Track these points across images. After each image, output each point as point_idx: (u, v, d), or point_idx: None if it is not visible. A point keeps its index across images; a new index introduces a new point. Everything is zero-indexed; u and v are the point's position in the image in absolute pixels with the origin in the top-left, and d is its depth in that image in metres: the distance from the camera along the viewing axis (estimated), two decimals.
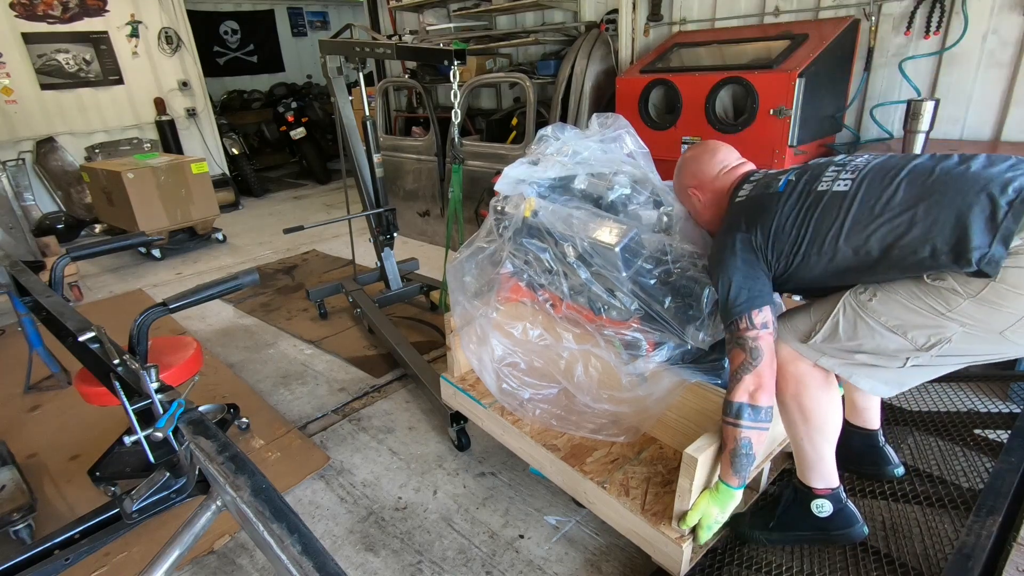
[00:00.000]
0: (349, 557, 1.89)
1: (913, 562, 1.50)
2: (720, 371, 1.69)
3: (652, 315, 1.64)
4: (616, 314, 1.71)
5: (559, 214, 1.76)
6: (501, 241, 1.92)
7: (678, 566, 1.45)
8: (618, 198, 1.78)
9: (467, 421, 2.26)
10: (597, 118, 2.01)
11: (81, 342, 1.59)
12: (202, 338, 3.51)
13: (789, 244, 1.35)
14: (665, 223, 1.74)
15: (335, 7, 9.97)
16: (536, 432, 1.88)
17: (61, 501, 2.20)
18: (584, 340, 1.76)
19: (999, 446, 1.75)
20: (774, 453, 1.72)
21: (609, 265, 1.64)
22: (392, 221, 3.42)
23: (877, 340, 1.29)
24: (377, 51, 2.94)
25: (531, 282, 1.89)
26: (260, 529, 0.91)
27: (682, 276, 1.61)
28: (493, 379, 1.93)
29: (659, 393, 1.64)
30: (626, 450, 1.78)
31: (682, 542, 1.44)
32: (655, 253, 1.64)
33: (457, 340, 2.08)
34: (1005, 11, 2.53)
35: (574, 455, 1.76)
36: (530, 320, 1.90)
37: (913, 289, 1.24)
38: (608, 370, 1.72)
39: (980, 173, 1.17)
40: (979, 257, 1.11)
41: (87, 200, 5.67)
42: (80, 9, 5.83)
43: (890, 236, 1.21)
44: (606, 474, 1.68)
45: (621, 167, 1.84)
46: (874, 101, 2.94)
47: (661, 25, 3.57)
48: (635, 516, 1.54)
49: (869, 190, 1.26)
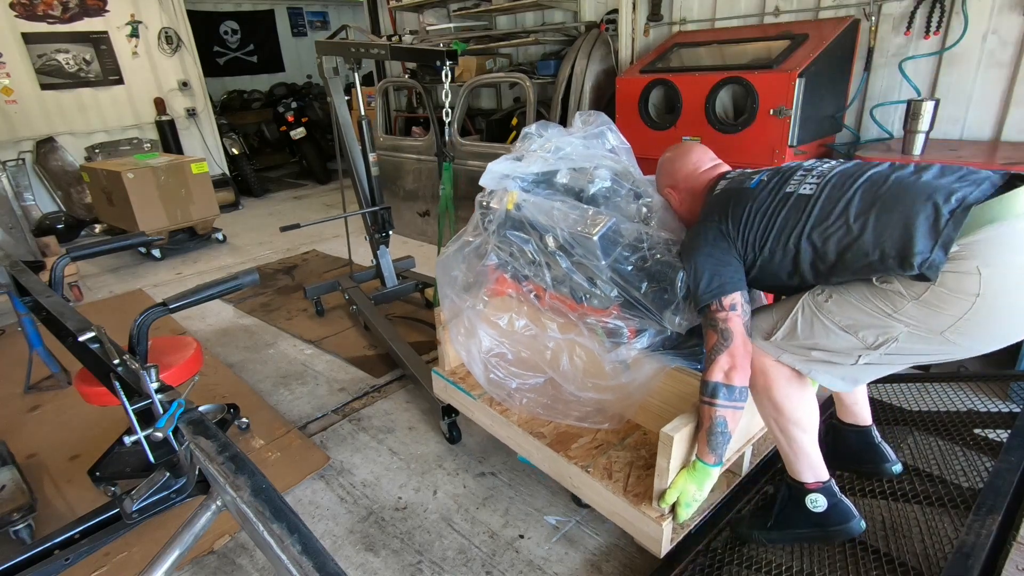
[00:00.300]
0: (349, 557, 1.89)
1: (913, 561, 1.50)
2: (699, 356, 1.75)
3: (631, 301, 1.70)
4: (597, 302, 1.76)
5: (541, 206, 1.80)
6: (486, 235, 1.97)
7: (658, 545, 1.51)
8: (599, 191, 1.83)
9: (458, 414, 2.31)
10: (580, 115, 2.06)
11: (81, 342, 1.59)
12: (202, 338, 3.52)
13: (756, 235, 1.42)
14: (644, 214, 1.79)
15: (335, 7, 9.97)
16: (523, 421, 1.93)
17: (61, 501, 2.20)
18: (568, 329, 1.81)
19: (999, 446, 1.75)
20: (755, 438, 1.76)
21: (589, 254, 1.69)
22: (388, 219, 3.49)
23: (832, 339, 1.36)
24: (372, 52, 3.00)
25: (516, 274, 1.95)
26: (260, 529, 0.91)
27: (657, 262, 1.67)
28: (481, 370, 1.97)
29: (641, 379, 1.70)
30: (610, 436, 1.83)
31: (662, 521, 1.48)
32: (632, 241, 1.70)
33: (446, 333, 2.12)
34: (1005, 11, 2.53)
35: (560, 442, 1.82)
36: (516, 311, 1.95)
37: (864, 291, 1.31)
38: (592, 359, 1.77)
39: (930, 182, 1.23)
40: (920, 262, 1.18)
41: (87, 200, 5.67)
42: (80, 9, 5.83)
43: (845, 239, 1.28)
44: (590, 459, 1.73)
45: (602, 161, 1.89)
46: (874, 101, 2.94)
47: (661, 25, 3.57)
48: (617, 498, 1.59)
49: (830, 195, 1.34)
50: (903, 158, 2.47)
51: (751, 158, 2.78)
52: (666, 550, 1.51)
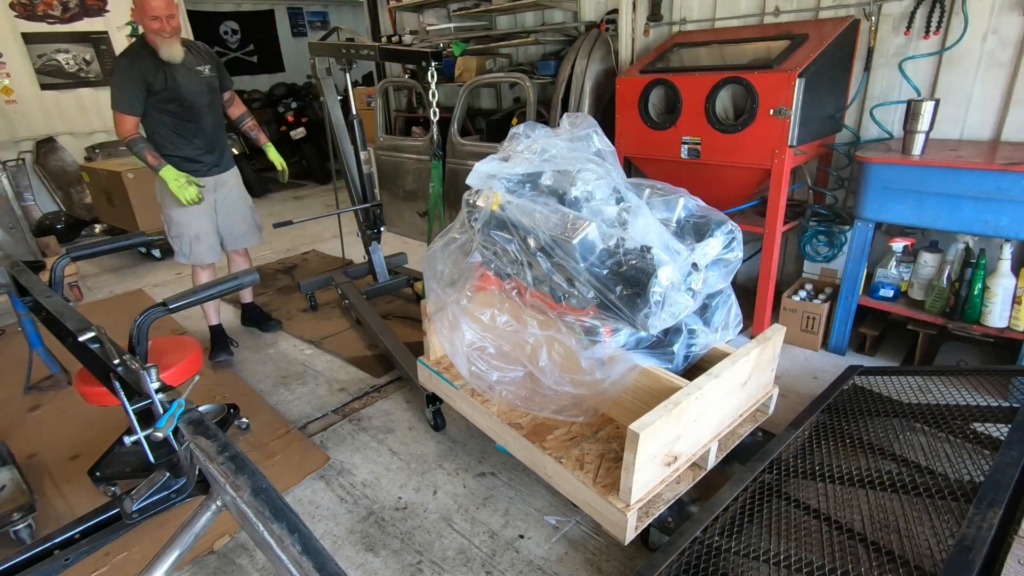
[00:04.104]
0: (349, 557, 1.89)
1: (914, 555, 1.50)
2: (670, 356, 1.82)
3: (607, 304, 1.74)
4: (575, 302, 1.82)
5: (524, 208, 1.85)
6: (472, 232, 2.02)
7: (623, 532, 1.57)
8: (581, 194, 1.87)
9: (442, 402, 2.40)
10: (567, 117, 2.09)
11: (81, 342, 1.59)
12: (202, 338, 3.51)
13: None
14: (623, 219, 1.82)
15: (335, 7, 9.97)
16: (502, 412, 2.00)
17: (61, 501, 2.20)
18: (548, 327, 1.86)
19: (999, 440, 1.76)
20: (721, 434, 1.82)
21: (568, 256, 1.74)
22: (379, 216, 3.64)
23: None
24: (362, 53, 3.12)
25: (499, 271, 2.01)
26: (260, 529, 0.91)
27: (632, 267, 1.70)
28: (464, 362, 2.02)
29: (615, 376, 1.76)
30: (585, 429, 1.90)
31: (627, 511, 1.54)
32: (610, 246, 1.75)
33: (432, 325, 2.20)
34: (1005, 11, 2.53)
35: (536, 433, 1.89)
36: (498, 307, 2.00)
37: None
38: (569, 355, 1.81)
39: None
40: None
41: (87, 200, 5.67)
42: (80, 9, 5.83)
43: None
44: (564, 450, 1.80)
45: (585, 165, 1.92)
46: (874, 101, 2.94)
47: (661, 25, 3.57)
48: (587, 488, 1.65)
49: None
50: (903, 158, 2.47)
51: (751, 158, 2.78)
52: (630, 538, 1.57)
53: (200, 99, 2.83)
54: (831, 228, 3.01)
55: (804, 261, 3.27)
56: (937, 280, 2.59)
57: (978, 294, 2.46)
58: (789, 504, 1.78)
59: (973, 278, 2.46)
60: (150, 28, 2.57)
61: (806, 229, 3.06)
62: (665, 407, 1.53)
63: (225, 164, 3.06)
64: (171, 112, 2.77)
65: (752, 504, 1.75)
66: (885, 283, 2.75)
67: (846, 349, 2.94)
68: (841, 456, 1.92)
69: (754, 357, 1.82)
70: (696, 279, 1.78)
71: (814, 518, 1.72)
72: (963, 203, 2.34)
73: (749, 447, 1.96)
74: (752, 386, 1.91)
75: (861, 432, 2.10)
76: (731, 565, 1.57)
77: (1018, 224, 2.25)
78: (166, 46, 2.63)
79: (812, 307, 2.95)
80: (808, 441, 2.03)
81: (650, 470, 1.56)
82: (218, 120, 2.99)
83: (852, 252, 2.74)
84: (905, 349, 2.90)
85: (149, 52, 2.66)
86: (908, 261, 2.74)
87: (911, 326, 2.72)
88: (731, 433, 1.88)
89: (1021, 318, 2.37)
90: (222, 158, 3.04)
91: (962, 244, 2.56)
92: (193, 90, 2.79)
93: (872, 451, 2.00)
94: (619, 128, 3.25)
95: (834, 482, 1.77)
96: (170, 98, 2.73)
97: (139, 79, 2.62)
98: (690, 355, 1.88)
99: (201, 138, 2.89)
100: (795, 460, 1.92)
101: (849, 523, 1.66)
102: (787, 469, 1.88)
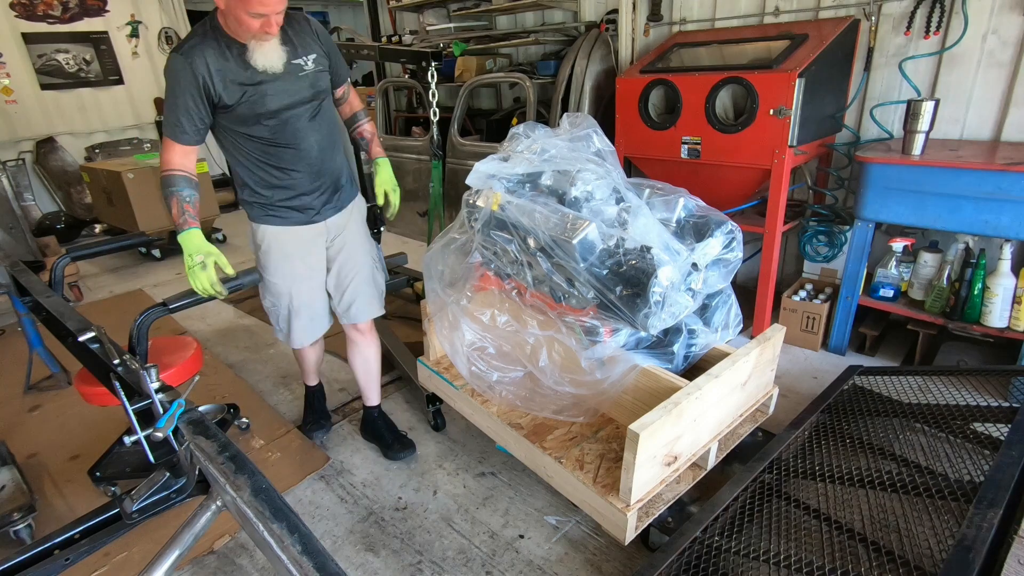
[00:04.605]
0: (349, 557, 1.89)
1: (914, 555, 1.50)
2: (671, 356, 1.82)
3: (607, 304, 1.74)
4: (575, 302, 1.82)
5: (523, 208, 1.85)
6: (472, 232, 2.02)
7: (623, 533, 1.57)
8: (581, 194, 1.87)
9: (442, 402, 2.39)
10: (567, 117, 2.08)
11: (81, 342, 1.60)
12: (202, 338, 3.52)
13: None
14: (623, 219, 1.82)
15: (335, 7, 9.96)
16: (502, 412, 2.00)
17: (61, 501, 2.20)
18: (548, 327, 1.86)
19: (999, 441, 1.76)
20: (721, 434, 1.82)
21: (568, 256, 1.74)
22: (379, 216, 3.57)
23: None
24: (362, 53, 3.13)
25: (499, 271, 2.01)
26: (260, 529, 0.91)
27: (632, 267, 1.70)
28: (464, 362, 2.03)
29: (615, 376, 1.75)
30: (585, 429, 1.90)
31: (627, 511, 1.54)
32: (610, 246, 1.75)
33: (432, 325, 2.19)
34: (1005, 11, 2.53)
35: (536, 433, 1.89)
36: (498, 307, 2.00)
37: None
38: (569, 355, 1.81)
39: None
40: None
41: (87, 200, 5.67)
42: (80, 9, 5.83)
43: None
44: (564, 450, 1.80)
45: (585, 165, 1.92)
46: (874, 101, 2.94)
47: (661, 25, 3.57)
48: (587, 488, 1.65)
49: None
50: (903, 158, 2.47)
51: (751, 158, 2.78)
52: (630, 538, 1.57)
53: (300, 110, 1.87)
54: (831, 228, 3.01)
55: (804, 261, 3.27)
56: (937, 280, 2.59)
57: (978, 294, 2.46)
58: (789, 504, 1.77)
59: (973, 278, 2.46)
60: (248, 27, 1.65)
61: (806, 229, 3.06)
62: (665, 407, 1.53)
63: (341, 199, 2.10)
64: (253, 137, 1.85)
65: (752, 504, 1.75)
66: (885, 283, 2.76)
67: (846, 349, 2.94)
68: (841, 456, 1.92)
69: (754, 357, 1.82)
70: (696, 279, 1.78)
71: (814, 518, 1.72)
72: (963, 203, 2.34)
73: (749, 447, 1.96)
74: (752, 386, 1.91)
75: (861, 432, 2.10)
76: (731, 565, 1.57)
77: (1018, 224, 2.25)
78: (262, 52, 1.73)
79: (812, 307, 2.95)
80: (808, 441, 2.03)
81: (650, 470, 1.56)
82: (329, 135, 2.00)
83: (852, 252, 2.74)
84: (905, 349, 2.90)
85: (221, 44, 1.73)
86: (908, 261, 2.74)
87: (911, 326, 2.72)
88: (731, 433, 1.87)
89: (1021, 318, 2.37)
90: (337, 190, 2.07)
91: (962, 244, 2.56)
92: (290, 100, 1.84)
93: (872, 451, 1.99)
94: (619, 128, 3.25)
95: (834, 482, 1.77)
96: (250, 115, 1.80)
97: (196, 92, 1.71)
98: (690, 355, 1.88)
99: (302, 167, 1.93)
100: (795, 460, 1.91)
101: (849, 523, 1.66)
102: (787, 469, 1.87)
